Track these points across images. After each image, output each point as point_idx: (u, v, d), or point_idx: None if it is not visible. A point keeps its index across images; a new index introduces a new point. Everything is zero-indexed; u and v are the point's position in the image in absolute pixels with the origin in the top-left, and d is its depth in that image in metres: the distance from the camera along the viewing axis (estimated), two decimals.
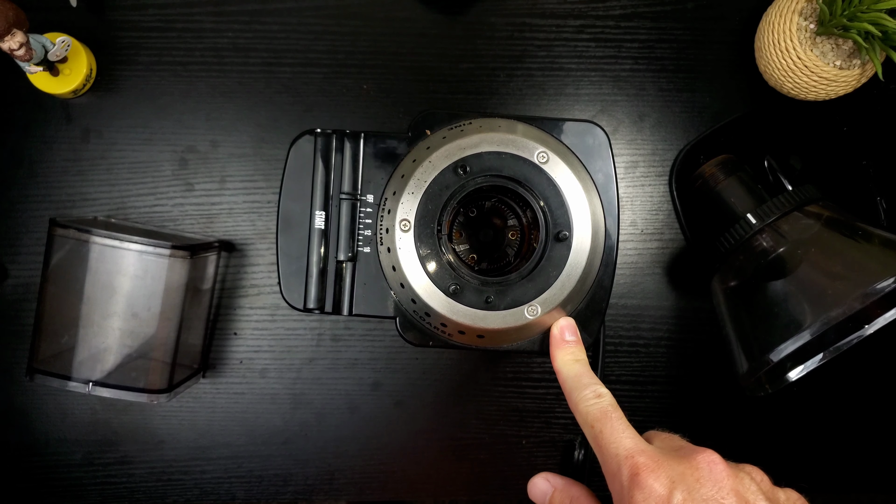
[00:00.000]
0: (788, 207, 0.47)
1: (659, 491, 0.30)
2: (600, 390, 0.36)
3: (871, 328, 0.43)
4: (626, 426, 0.34)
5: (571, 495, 0.36)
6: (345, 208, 0.39)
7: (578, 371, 0.37)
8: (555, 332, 0.38)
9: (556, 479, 0.38)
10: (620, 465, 0.32)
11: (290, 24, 0.55)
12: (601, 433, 0.33)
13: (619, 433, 0.33)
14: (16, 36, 0.46)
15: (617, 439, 0.33)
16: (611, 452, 0.33)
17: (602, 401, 0.35)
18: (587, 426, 0.35)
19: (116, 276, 0.47)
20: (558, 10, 0.56)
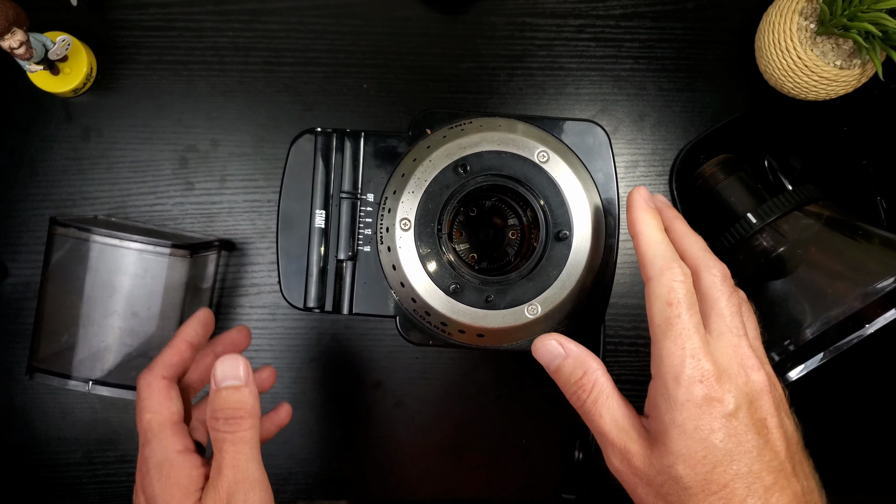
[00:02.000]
0: (788, 207, 0.47)
1: (723, 405, 0.30)
2: (686, 270, 0.33)
3: (871, 328, 0.43)
4: (700, 321, 0.32)
5: (586, 367, 0.34)
6: (345, 207, 0.39)
7: (665, 239, 0.34)
8: (636, 197, 0.35)
9: (570, 344, 0.35)
10: (686, 361, 0.31)
11: (291, 24, 0.55)
12: (678, 317, 0.32)
13: (693, 324, 0.32)
14: (16, 35, 0.46)
15: (690, 332, 0.31)
16: (678, 342, 0.31)
17: (688, 282, 0.32)
18: (664, 301, 0.32)
19: (116, 274, 0.47)
20: (558, 10, 0.56)
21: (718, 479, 0.30)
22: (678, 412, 0.30)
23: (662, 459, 0.31)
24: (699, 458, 0.30)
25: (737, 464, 0.30)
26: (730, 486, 0.30)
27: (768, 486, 0.30)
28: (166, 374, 0.39)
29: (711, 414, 0.30)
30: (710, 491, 0.30)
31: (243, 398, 0.36)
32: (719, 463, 0.30)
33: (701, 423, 0.30)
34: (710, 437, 0.30)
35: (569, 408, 0.57)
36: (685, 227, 0.36)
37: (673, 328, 0.31)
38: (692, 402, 0.30)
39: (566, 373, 0.35)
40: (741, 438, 0.30)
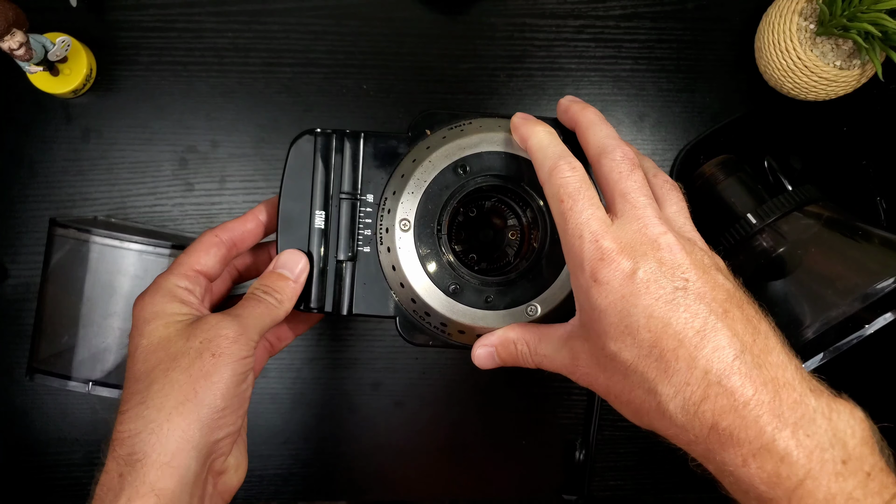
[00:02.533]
0: (788, 207, 0.47)
1: (624, 267, 0.30)
2: (574, 163, 0.32)
3: (871, 328, 0.43)
4: (597, 205, 0.31)
5: (512, 340, 0.36)
6: (345, 208, 0.39)
7: (553, 141, 0.34)
8: (516, 120, 0.36)
9: (490, 337, 0.37)
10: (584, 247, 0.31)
11: (290, 25, 0.55)
12: (571, 210, 0.31)
13: (587, 212, 0.31)
14: (16, 36, 0.46)
15: (586, 219, 0.31)
16: (575, 233, 0.31)
17: (576, 174, 0.32)
18: (556, 200, 0.32)
19: (116, 275, 0.47)
20: (558, 10, 0.56)
21: (644, 340, 0.29)
22: (590, 295, 0.30)
23: (596, 344, 0.31)
24: (622, 328, 0.29)
25: (656, 320, 0.29)
26: (658, 344, 0.28)
27: (698, 329, 0.28)
28: (221, 235, 0.39)
29: (617, 283, 0.29)
30: (643, 355, 0.29)
31: (287, 289, 0.38)
32: (640, 327, 0.29)
33: (612, 301, 0.29)
34: (622, 304, 0.29)
35: (569, 408, 0.57)
36: (593, 117, 0.35)
37: (568, 221, 0.31)
38: (598, 280, 0.30)
39: (505, 356, 0.36)
40: (654, 293, 0.29)
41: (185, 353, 0.34)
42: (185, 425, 0.32)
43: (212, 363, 0.33)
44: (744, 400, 0.27)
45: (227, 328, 0.35)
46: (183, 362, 0.33)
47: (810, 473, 0.26)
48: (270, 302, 0.37)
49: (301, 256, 0.39)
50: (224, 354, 0.34)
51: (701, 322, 0.28)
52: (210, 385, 0.33)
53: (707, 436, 0.27)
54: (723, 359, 0.28)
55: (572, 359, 0.33)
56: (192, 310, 0.37)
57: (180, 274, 0.38)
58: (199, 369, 0.33)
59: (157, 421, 0.32)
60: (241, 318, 0.36)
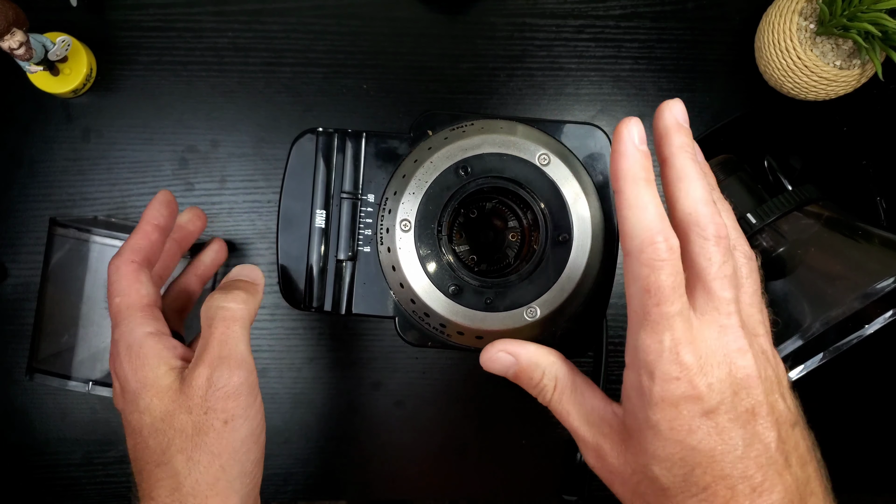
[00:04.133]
0: (788, 207, 0.47)
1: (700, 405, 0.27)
2: (672, 241, 0.28)
3: (871, 328, 0.43)
4: (685, 304, 0.28)
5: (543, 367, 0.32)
6: (345, 207, 0.39)
7: (654, 201, 0.29)
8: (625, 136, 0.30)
9: (519, 348, 0.32)
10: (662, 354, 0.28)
11: (290, 24, 0.55)
12: (657, 306, 0.28)
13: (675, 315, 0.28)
14: (16, 35, 0.46)
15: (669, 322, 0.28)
16: (656, 330, 0.28)
17: (672, 261, 0.28)
18: (641, 286, 0.28)
19: None
20: (558, 10, 0.56)
21: (698, 481, 0.27)
22: (652, 411, 0.28)
23: (638, 458, 0.28)
24: (676, 459, 0.27)
25: (719, 464, 0.27)
26: (711, 488, 0.27)
27: (755, 485, 0.27)
28: (135, 258, 0.37)
29: (689, 413, 0.27)
30: (690, 493, 0.27)
31: (249, 287, 0.37)
32: (698, 464, 0.27)
33: (677, 424, 0.27)
34: (688, 437, 0.27)
35: None
36: (687, 164, 0.30)
37: (649, 318, 0.28)
38: (667, 402, 0.27)
39: (525, 378, 0.33)
40: (724, 436, 0.27)
41: (195, 427, 0.32)
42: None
43: (227, 432, 0.32)
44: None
45: (223, 381, 0.32)
46: (198, 440, 0.32)
47: None
48: (238, 305, 0.35)
49: (257, 270, 0.39)
50: (235, 417, 0.32)
51: (761, 477, 0.27)
52: (235, 456, 0.32)
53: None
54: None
55: (596, 446, 0.30)
56: (171, 355, 0.35)
57: (137, 319, 0.35)
58: (218, 443, 0.32)
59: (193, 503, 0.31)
60: (228, 357, 0.33)
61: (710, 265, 0.28)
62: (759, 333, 0.31)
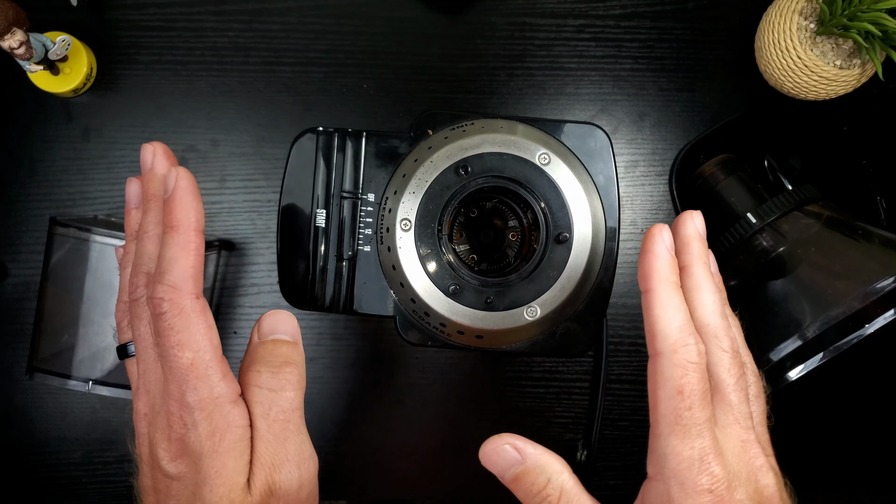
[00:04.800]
0: (788, 207, 0.47)
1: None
2: (701, 347, 0.28)
3: (871, 328, 0.43)
4: (713, 413, 0.29)
5: (549, 473, 0.29)
6: (346, 207, 0.39)
7: (683, 306, 0.29)
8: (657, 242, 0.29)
9: (527, 447, 0.30)
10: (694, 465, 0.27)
11: (291, 24, 0.55)
12: (689, 410, 0.28)
13: (704, 422, 0.28)
14: (16, 35, 0.46)
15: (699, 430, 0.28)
16: (686, 438, 0.28)
17: (701, 366, 0.28)
18: (673, 387, 0.28)
19: (116, 275, 0.47)
20: (558, 10, 0.56)
21: None
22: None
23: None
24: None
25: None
26: None
27: None
28: (199, 292, 0.29)
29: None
30: None
31: (293, 353, 0.30)
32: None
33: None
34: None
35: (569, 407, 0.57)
36: (706, 275, 0.30)
37: (681, 422, 0.27)
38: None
39: (527, 482, 0.30)
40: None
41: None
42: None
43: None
44: None
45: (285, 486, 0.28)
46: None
47: None
48: (293, 399, 0.29)
49: (289, 316, 0.31)
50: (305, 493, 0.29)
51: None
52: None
53: None
54: None
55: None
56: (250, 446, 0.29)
57: (217, 382, 0.29)
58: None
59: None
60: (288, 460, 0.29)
61: (729, 377, 0.29)
62: (770, 453, 0.30)
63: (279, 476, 0.28)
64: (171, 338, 0.28)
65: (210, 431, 0.28)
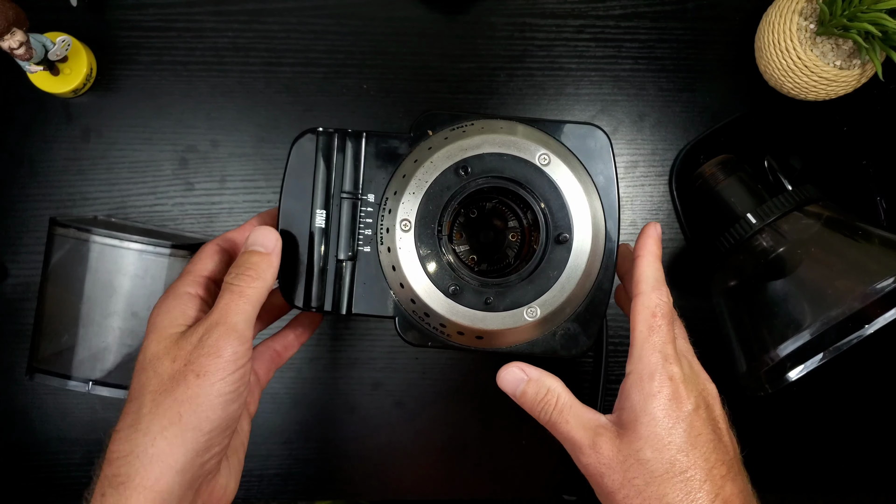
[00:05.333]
0: (788, 207, 0.47)
1: (689, 403, 0.36)
2: (670, 295, 0.38)
3: (871, 328, 0.43)
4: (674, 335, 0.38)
5: (547, 386, 0.37)
6: (346, 207, 0.39)
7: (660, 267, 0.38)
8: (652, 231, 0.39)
9: (530, 369, 0.38)
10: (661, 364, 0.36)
11: (291, 24, 0.55)
12: (660, 328, 0.36)
13: (670, 336, 0.37)
14: (16, 35, 0.46)
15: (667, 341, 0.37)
16: (657, 347, 0.36)
17: (670, 303, 0.37)
18: (649, 311, 0.36)
19: (116, 275, 0.47)
20: (558, 10, 0.56)
21: (680, 464, 0.34)
22: (650, 402, 0.35)
23: (631, 445, 0.34)
24: (665, 443, 0.34)
25: (696, 452, 0.34)
26: (690, 471, 0.34)
27: (723, 475, 0.35)
28: (222, 244, 0.39)
29: (677, 408, 0.35)
30: (673, 473, 0.34)
31: (262, 263, 0.36)
32: (681, 450, 0.34)
33: (668, 414, 0.35)
34: (675, 426, 0.34)
35: None
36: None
37: (654, 334, 0.36)
38: (662, 395, 0.35)
39: (531, 393, 0.37)
40: (700, 431, 0.35)
41: (171, 375, 0.33)
42: (170, 450, 0.32)
43: (196, 385, 0.33)
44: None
45: (212, 341, 0.33)
46: (169, 384, 0.33)
47: None
48: (247, 285, 0.35)
49: (272, 232, 0.37)
50: (208, 373, 0.33)
51: (726, 470, 0.35)
52: (195, 409, 0.32)
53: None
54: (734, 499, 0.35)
55: (593, 443, 0.35)
56: (193, 316, 0.36)
57: (188, 280, 0.37)
58: (184, 392, 0.33)
59: (143, 445, 0.32)
60: (224, 323, 0.34)
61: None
62: (703, 373, 0.39)
63: (207, 334, 0.34)
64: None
65: (158, 305, 0.37)
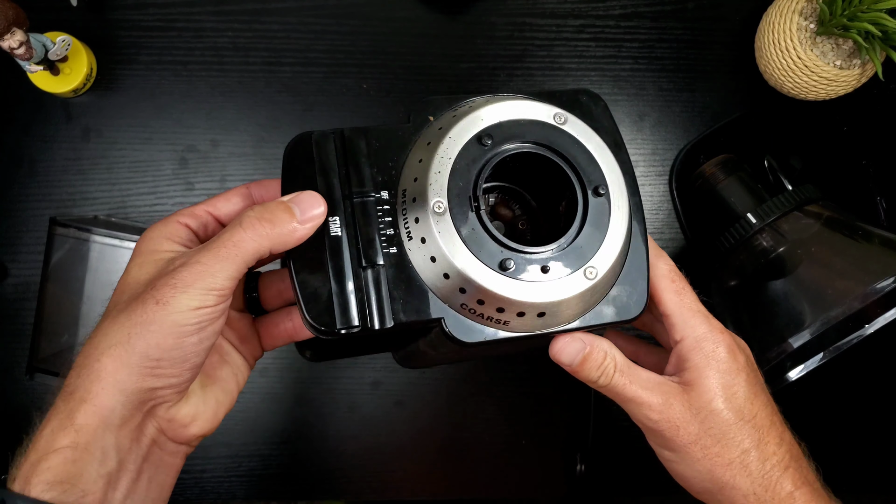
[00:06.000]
0: (788, 207, 0.47)
1: (743, 355, 0.38)
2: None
3: (871, 328, 0.43)
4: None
5: (604, 350, 0.37)
6: (358, 210, 0.35)
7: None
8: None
9: (587, 336, 0.37)
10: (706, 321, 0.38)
11: (290, 24, 0.55)
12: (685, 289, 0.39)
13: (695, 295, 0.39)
14: (16, 35, 0.46)
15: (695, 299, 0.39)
16: (693, 307, 0.38)
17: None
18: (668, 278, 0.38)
19: (116, 274, 0.47)
20: (558, 10, 0.56)
21: (748, 411, 0.37)
22: (712, 359, 0.37)
23: (702, 398, 0.36)
24: (732, 393, 0.36)
25: (758, 400, 0.37)
26: (758, 416, 0.37)
27: (781, 420, 0.38)
28: (253, 190, 0.39)
29: (735, 361, 0.37)
30: (744, 420, 0.36)
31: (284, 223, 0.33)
32: (747, 398, 0.37)
33: (730, 367, 0.37)
34: (737, 378, 0.37)
35: (569, 407, 0.57)
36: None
37: (684, 297, 0.38)
38: (721, 351, 0.37)
39: (591, 360, 0.37)
40: (756, 380, 0.38)
41: (135, 296, 0.32)
42: (113, 368, 0.31)
43: (153, 311, 0.31)
44: (812, 477, 0.38)
45: (184, 274, 0.32)
46: (128, 304, 0.32)
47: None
48: (255, 232, 0.32)
49: (321, 202, 0.34)
50: (169, 304, 0.31)
51: (780, 424, 0.38)
52: (145, 333, 0.31)
53: (783, 497, 0.36)
54: (794, 442, 0.38)
55: (665, 402, 0.37)
56: (180, 246, 0.35)
57: (187, 212, 0.36)
58: (140, 314, 0.32)
59: (91, 358, 0.32)
60: (208, 262, 0.32)
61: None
62: None
63: (180, 273, 0.32)
64: None
65: (148, 230, 0.36)
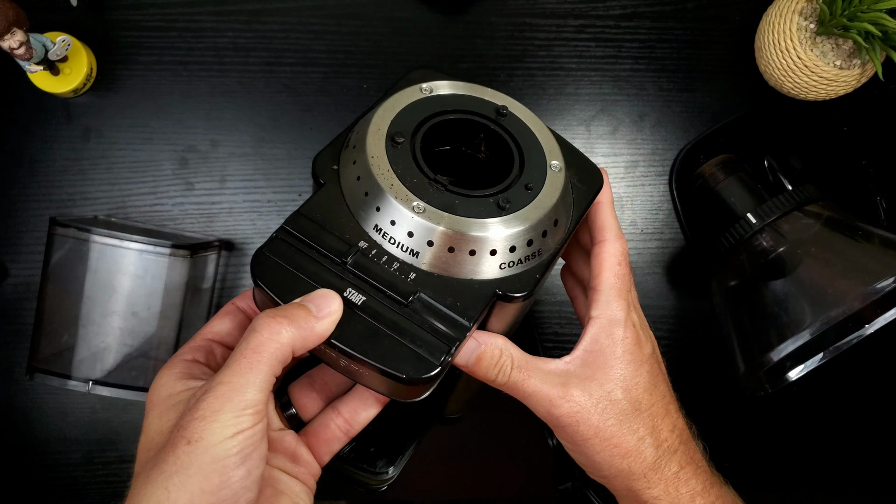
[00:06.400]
0: (788, 207, 0.47)
1: (647, 347, 0.39)
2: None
3: (871, 328, 0.43)
4: None
5: (500, 347, 0.36)
6: (359, 269, 0.33)
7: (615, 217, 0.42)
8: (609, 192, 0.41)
9: (480, 334, 0.36)
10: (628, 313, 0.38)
11: (290, 24, 0.55)
12: (626, 275, 0.39)
13: (632, 285, 0.40)
14: (16, 35, 0.46)
15: (629, 289, 0.40)
16: (623, 291, 0.39)
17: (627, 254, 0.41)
18: (614, 258, 0.39)
19: (116, 275, 0.47)
20: (558, 10, 0.56)
21: (646, 401, 0.37)
22: (618, 347, 0.37)
23: (603, 387, 0.37)
24: (633, 384, 0.37)
25: (657, 391, 0.38)
26: (654, 406, 0.38)
27: (676, 409, 0.39)
28: (239, 304, 0.37)
29: (640, 352, 0.38)
30: (641, 410, 0.37)
31: (304, 318, 0.30)
32: (646, 389, 0.37)
33: (634, 358, 0.37)
34: (640, 369, 0.37)
35: None
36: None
37: (620, 281, 0.38)
38: (629, 340, 0.37)
39: (486, 358, 0.36)
40: (657, 372, 0.39)
41: (160, 444, 0.29)
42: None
43: (187, 453, 0.28)
44: (699, 457, 0.40)
45: (210, 401, 0.28)
46: (161, 455, 0.28)
47: None
48: (273, 331, 0.30)
49: (334, 296, 0.32)
50: (202, 439, 0.28)
51: (676, 404, 0.40)
52: (185, 481, 0.27)
53: (669, 476, 0.38)
54: (685, 428, 0.40)
55: (564, 392, 0.36)
56: (196, 381, 0.32)
57: (187, 348, 0.34)
58: (173, 462, 0.28)
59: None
60: (231, 379, 0.29)
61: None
62: None
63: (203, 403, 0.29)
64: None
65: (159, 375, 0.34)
